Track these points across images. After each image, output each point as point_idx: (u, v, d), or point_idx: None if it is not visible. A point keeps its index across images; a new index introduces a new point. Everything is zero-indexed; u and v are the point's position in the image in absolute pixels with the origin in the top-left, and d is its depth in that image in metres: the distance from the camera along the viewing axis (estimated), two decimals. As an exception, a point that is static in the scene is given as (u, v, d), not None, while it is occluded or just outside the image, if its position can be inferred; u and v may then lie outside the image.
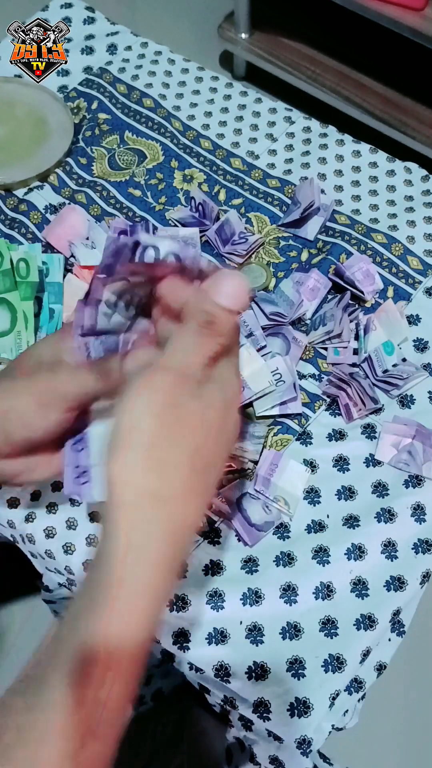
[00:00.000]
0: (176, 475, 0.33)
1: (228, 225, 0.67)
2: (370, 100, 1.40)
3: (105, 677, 0.30)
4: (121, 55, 0.82)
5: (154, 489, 0.32)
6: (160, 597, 0.33)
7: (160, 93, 0.79)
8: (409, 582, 0.52)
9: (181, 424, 0.33)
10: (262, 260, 0.68)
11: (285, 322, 0.61)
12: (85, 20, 0.84)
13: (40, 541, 0.55)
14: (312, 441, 0.58)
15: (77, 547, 0.54)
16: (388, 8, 1.20)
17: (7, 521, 0.56)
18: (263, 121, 0.77)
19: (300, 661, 0.50)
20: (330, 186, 0.72)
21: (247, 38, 1.48)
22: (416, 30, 1.18)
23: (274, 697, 0.49)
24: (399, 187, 0.72)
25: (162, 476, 0.32)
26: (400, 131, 1.37)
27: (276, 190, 0.72)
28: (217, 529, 0.55)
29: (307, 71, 1.44)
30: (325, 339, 0.61)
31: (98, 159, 0.74)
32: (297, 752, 0.48)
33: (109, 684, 0.30)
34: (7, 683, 0.34)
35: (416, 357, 0.62)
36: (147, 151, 0.74)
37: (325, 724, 0.49)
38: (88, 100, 0.78)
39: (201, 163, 0.74)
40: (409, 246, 0.68)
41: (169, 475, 0.32)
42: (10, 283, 0.61)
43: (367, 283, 0.64)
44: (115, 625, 0.31)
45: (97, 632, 0.31)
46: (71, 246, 0.66)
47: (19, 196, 0.72)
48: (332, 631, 0.51)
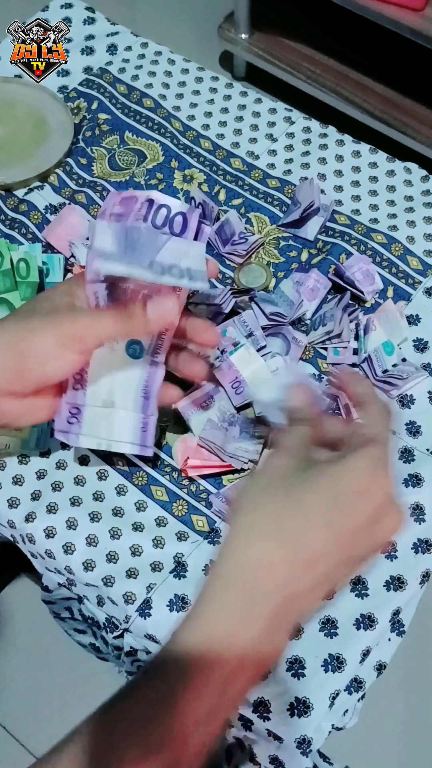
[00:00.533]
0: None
1: (228, 225, 0.67)
2: (370, 100, 1.40)
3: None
4: (121, 55, 0.82)
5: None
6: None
7: (160, 93, 0.79)
8: (408, 582, 0.52)
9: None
10: (262, 260, 0.68)
11: (285, 322, 0.61)
12: (85, 20, 0.84)
13: (40, 541, 0.55)
14: (312, 441, 0.58)
15: (77, 547, 0.54)
16: (388, 8, 1.20)
17: (7, 521, 0.56)
18: (263, 121, 0.77)
19: (300, 661, 0.50)
20: (330, 186, 0.72)
21: (247, 38, 1.49)
22: (416, 30, 1.18)
23: (274, 697, 0.49)
24: (399, 187, 0.72)
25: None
26: (400, 131, 1.38)
27: (276, 190, 0.72)
28: (217, 529, 0.55)
29: (307, 71, 1.44)
30: (325, 339, 0.61)
31: (98, 159, 0.74)
32: (297, 752, 0.48)
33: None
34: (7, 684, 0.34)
35: (416, 357, 0.62)
36: (147, 152, 0.74)
37: (325, 724, 0.49)
38: (88, 101, 0.78)
39: (201, 163, 0.74)
40: (408, 246, 0.68)
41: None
42: (10, 283, 0.61)
43: (367, 283, 0.64)
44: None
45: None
46: (71, 246, 0.66)
47: (19, 196, 0.72)
48: (332, 631, 0.51)
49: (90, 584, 0.54)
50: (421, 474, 0.56)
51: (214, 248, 0.68)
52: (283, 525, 0.34)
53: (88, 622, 0.59)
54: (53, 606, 0.62)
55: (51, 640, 1.05)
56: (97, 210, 0.71)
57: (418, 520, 0.55)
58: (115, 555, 0.54)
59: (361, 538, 0.34)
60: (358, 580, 0.52)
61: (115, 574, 0.53)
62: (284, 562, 0.33)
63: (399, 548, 0.54)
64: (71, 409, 0.45)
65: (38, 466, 0.58)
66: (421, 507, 0.55)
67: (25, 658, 1.07)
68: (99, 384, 0.46)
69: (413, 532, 0.54)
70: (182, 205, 0.44)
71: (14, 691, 1.05)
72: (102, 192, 0.72)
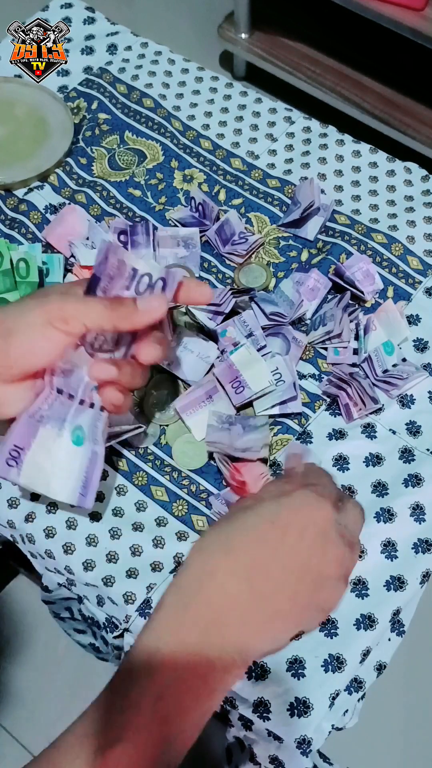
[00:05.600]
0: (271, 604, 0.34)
1: (228, 225, 0.67)
2: (370, 99, 1.40)
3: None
4: (121, 55, 0.82)
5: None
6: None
7: (160, 93, 0.79)
8: (409, 582, 0.52)
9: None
10: (262, 260, 0.68)
11: (285, 322, 0.61)
12: (85, 20, 0.84)
13: (40, 541, 0.55)
14: (312, 440, 0.58)
15: (77, 547, 0.54)
16: (388, 8, 1.20)
17: (7, 521, 0.56)
18: (263, 121, 0.77)
19: (300, 661, 0.50)
20: (330, 186, 0.72)
21: (247, 38, 1.48)
22: (416, 30, 1.18)
23: (274, 697, 0.49)
24: (399, 187, 0.72)
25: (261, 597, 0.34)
26: (400, 131, 1.37)
27: (276, 190, 0.72)
28: (217, 529, 0.55)
29: (307, 71, 1.44)
30: (325, 339, 0.61)
31: (98, 159, 0.74)
32: (297, 752, 0.48)
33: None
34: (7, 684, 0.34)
35: (416, 357, 0.62)
36: (147, 151, 0.74)
37: (325, 724, 0.49)
38: (88, 100, 0.78)
39: (201, 163, 0.74)
40: (409, 246, 0.68)
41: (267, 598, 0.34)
42: (10, 283, 0.61)
43: (367, 283, 0.64)
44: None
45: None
46: (71, 246, 0.66)
47: (19, 196, 0.72)
48: (332, 631, 0.51)
49: (90, 584, 0.54)
50: (421, 474, 0.56)
51: (214, 248, 0.68)
52: (231, 542, 0.35)
53: (88, 622, 0.59)
54: (53, 606, 0.62)
55: (51, 640, 1.06)
56: (97, 210, 0.71)
57: (418, 520, 0.55)
58: (115, 555, 0.54)
59: (307, 557, 0.35)
60: (359, 580, 0.52)
61: (115, 574, 0.53)
62: (226, 572, 0.34)
63: (399, 548, 0.54)
64: (11, 451, 0.45)
65: (38, 466, 0.58)
66: (421, 507, 0.55)
67: (25, 658, 1.07)
68: (38, 463, 0.46)
69: (413, 532, 0.54)
70: (162, 271, 0.46)
71: (14, 691, 1.05)
72: (102, 192, 0.72)
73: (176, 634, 0.33)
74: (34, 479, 0.46)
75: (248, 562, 0.34)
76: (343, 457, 0.58)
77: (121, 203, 0.71)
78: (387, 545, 0.54)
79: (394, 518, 0.55)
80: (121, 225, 0.66)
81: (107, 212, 0.71)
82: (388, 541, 0.54)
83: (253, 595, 0.34)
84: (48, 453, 0.46)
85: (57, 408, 0.46)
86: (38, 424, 0.45)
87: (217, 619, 0.33)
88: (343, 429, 0.59)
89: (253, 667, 0.49)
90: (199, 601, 0.33)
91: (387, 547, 0.54)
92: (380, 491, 0.56)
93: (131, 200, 0.71)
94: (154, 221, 0.70)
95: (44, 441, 0.46)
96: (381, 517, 0.55)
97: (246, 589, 0.34)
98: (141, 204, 0.71)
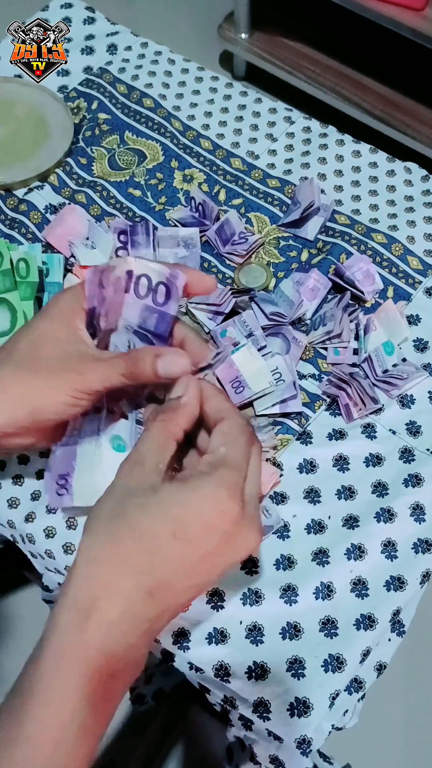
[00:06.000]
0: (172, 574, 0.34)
1: (228, 225, 0.67)
2: (370, 100, 1.40)
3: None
4: (121, 55, 0.82)
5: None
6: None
7: (160, 93, 0.79)
8: (409, 582, 0.52)
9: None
10: (262, 260, 0.68)
11: (285, 322, 0.61)
12: (85, 20, 0.84)
13: (40, 541, 0.55)
14: (312, 441, 0.58)
15: (77, 547, 0.54)
16: (388, 8, 1.20)
17: (7, 521, 0.56)
18: (263, 121, 0.77)
19: (300, 661, 0.50)
20: (330, 186, 0.72)
21: (247, 38, 1.49)
22: (416, 30, 1.18)
23: (274, 697, 0.49)
24: (399, 187, 0.72)
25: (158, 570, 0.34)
26: (400, 131, 1.38)
27: (276, 190, 0.72)
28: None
29: (307, 71, 1.44)
30: (325, 339, 0.61)
31: (98, 159, 0.74)
32: (297, 752, 0.48)
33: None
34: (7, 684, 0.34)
35: (416, 357, 0.62)
36: (147, 151, 0.74)
37: (325, 724, 0.49)
38: (88, 100, 0.78)
39: (201, 163, 0.74)
40: (409, 246, 0.68)
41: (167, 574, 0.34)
42: (10, 283, 0.61)
43: (367, 283, 0.64)
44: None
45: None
46: (71, 246, 0.66)
47: (19, 196, 0.72)
48: (332, 631, 0.51)
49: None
50: (421, 474, 0.56)
51: (214, 248, 0.68)
52: (127, 554, 0.34)
53: (88, 622, 0.59)
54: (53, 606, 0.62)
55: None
56: (97, 210, 0.71)
57: (418, 520, 0.55)
58: (115, 555, 0.54)
59: (211, 564, 0.34)
60: (359, 580, 0.52)
61: (115, 574, 0.53)
62: (123, 589, 0.33)
63: (399, 548, 0.54)
64: (58, 481, 0.45)
65: (38, 466, 0.58)
66: (421, 507, 0.55)
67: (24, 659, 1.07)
68: (87, 481, 0.46)
69: (413, 532, 0.54)
70: (162, 274, 0.43)
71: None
72: (102, 192, 0.72)
73: (77, 660, 0.33)
74: (89, 496, 0.45)
75: (150, 583, 0.34)
76: (343, 458, 0.58)
77: (121, 203, 0.71)
78: (387, 545, 0.54)
79: (394, 518, 0.55)
80: (121, 225, 0.66)
81: (107, 212, 0.71)
82: (388, 541, 0.54)
83: (157, 611, 0.34)
84: (92, 468, 0.45)
85: (87, 426, 0.46)
86: (74, 447, 0.45)
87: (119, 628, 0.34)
88: (343, 429, 0.59)
89: (253, 667, 0.49)
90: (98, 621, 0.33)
91: (387, 547, 0.54)
92: (380, 491, 0.56)
93: (131, 200, 0.71)
94: (154, 221, 0.70)
95: (85, 458, 0.45)
96: (381, 517, 0.55)
97: (152, 609, 0.34)
98: (141, 204, 0.71)
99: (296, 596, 0.52)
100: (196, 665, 0.50)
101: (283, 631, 0.51)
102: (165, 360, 0.40)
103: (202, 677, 0.51)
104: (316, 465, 0.57)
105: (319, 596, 0.52)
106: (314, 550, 0.54)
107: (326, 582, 0.52)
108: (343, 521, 0.55)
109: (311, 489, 0.56)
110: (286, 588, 0.52)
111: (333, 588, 0.52)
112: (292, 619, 0.51)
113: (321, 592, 0.52)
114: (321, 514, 0.55)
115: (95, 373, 0.41)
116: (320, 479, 0.57)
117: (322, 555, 0.53)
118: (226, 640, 0.50)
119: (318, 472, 0.57)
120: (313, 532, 0.54)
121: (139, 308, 0.45)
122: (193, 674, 0.51)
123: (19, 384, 0.41)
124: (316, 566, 0.53)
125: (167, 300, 0.44)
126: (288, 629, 0.51)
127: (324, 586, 0.52)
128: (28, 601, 1.10)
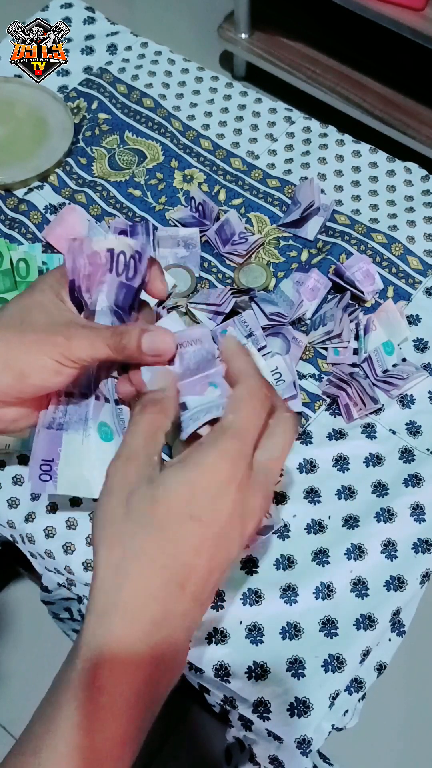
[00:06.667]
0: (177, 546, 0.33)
1: (228, 225, 0.67)
2: (370, 99, 1.40)
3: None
4: (121, 55, 0.82)
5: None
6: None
7: (160, 93, 0.79)
8: (409, 582, 0.52)
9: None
10: (262, 260, 0.68)
11: (285, 322, 0.61)
12: (85, 20, 0.84)
13: (40, 541, 0.55)
14: (312, 440, 0.58)
15: (77, 547, 0.54)
16: (388, 8, 1.20)
17: (7, 521, 0.56)
18: (263, 121, 0.77)
19: (300, 661, 0.50)
20: (330, 186, 0.72)
21: (247, 38, 1.48)
22: (416, 30, 1.18)
23: (274, 697, 0.49)
24: (399, 187, 0.72)
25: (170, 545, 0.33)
26: (400, 131, 1.37)
27: (276, 190, 0.72)
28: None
29: (307, 71, 1.44)
30: (325, 339, 0.61)
31: (98, 159, 0.74)
32: (297, 752, 0.48)
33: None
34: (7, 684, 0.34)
35: (416, 357, 0.62)
36: (147, 151, 0.74)
37: (325, 724, 0.49)
38: (88, 100, 0.78)
39: (201, 163, 0.74)
40: (409, 246, 0.68)
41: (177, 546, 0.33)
42: (10, 283, 0.61)
43: (367, 283, 0.64)
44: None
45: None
46: (71, 246, 0.66)
47: (19, 196, 0.72)
48: (332, 631, 0.51)
49: (90, 584, 0.54)
50: (421, 474, 0.56)
51: (214, 248, 0.68)
52: (151, 553, 0.33)
53: (88, 622, 0.59)
54: (52, 606, 0.62)
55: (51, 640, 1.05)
56: (97, 210, 0.71)
57: (418, 520, 0.55)
58: (115, 555, 0.54)
59: (227, 539, 0.34)
60: (359, 580, 0.52)
61: (115, 574, 0.53)
62: (160, 590, 0.33)
63: (399, 548, 0.54)
64: (42, 466, 0.45)
65: (38, 466, 0.58)
66: (421, 507, 0.55)
67: (24, 659, 1.07)
68: (72, 469, 0.45)
69: (413, 532, 0.54)
70: (132, 247, 0.44)
71: (14, 691, 1.05)
72: (102, 192, 0.72)
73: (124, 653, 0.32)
74: (74, 485, 0.45)
75: (178, 574, 0.33)
76: (343, 457, 0.58)
77: (121, 203, 0.71)
78: (387, 545, 0.54)
79: (394, 518, 0.55)
80: (121, 225, 0.66)
81: (107, 212, 0.71)
82: (388, 541, 0.54)
83: (186, 605, 0.33)
84: (79, 456, 0.45)
85: (73, 411, 0.46)
86: (59, 432, 0.45)
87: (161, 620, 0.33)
88: (343, 429, 0.59)
89: (253, 667, 0.49)
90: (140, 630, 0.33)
91: (387, 547, 0.54)
92: (380, 491, 0.56)
93: (131, 200, 0.71)
94: (154, 221, 0.70)
95: (71, 446, 0.45)
96: (381, 517, 0.55)
97: (184, 602, 0.33)
98: (141, 204, 0.71)
99: (296, 596, 0.52)
100: (196, 665, 0.50)
101: (283, 631, 0.51)
102: (151, 335, 0.41)
103: (202, 677, 0.51)
104: (316, 465, 0.57)
105: (319, 596, 0.52)
106: (314, 550, 0.54)
107: (326, 582, 0.52)
108: (343, 521, 0.55)
109: (311, 489, 0.56)
110: (286, 588, 0.52)
111: (333, 588, 0.52)
112: (292, 619, 0.51)
113: (321, 592, 0.52)
114: (321, 514, 0.55)
115: (82, 340, 0.42)
116: (320, 479, 0.57)
117: (322, 555, 0.53)
118: (226, 640, 0.50)
119: (318, 472, 0.57)
120: (313, 532, 0.54)
121: (116, 286, 0.45)
122: (193, 675, 0.51)
123: (4, 346, 0.42)
124: (316, 566, 0.53)
125: (135, 275, 0.44)
126: (288, 629, 0.51)
127: (324, 586, 0.52)
128: (27, 602, 1.10)
